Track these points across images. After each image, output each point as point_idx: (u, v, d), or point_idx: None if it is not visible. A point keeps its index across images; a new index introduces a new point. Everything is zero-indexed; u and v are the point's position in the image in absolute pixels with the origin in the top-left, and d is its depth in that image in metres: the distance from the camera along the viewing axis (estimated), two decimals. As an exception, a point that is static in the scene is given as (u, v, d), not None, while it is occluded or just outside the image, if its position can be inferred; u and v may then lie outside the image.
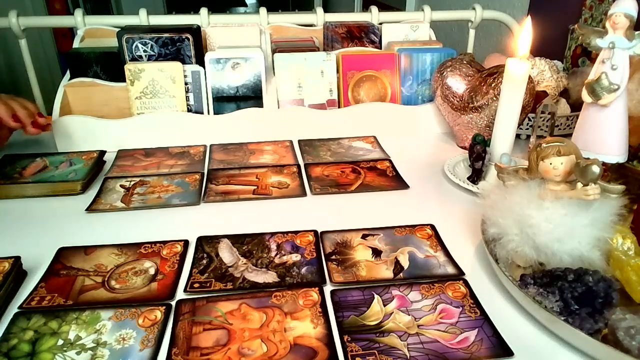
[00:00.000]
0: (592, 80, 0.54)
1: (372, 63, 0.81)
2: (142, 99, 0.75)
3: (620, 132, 0.55)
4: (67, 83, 0.77)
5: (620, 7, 0.51)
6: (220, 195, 0.61)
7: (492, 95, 0.68)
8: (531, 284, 0.41)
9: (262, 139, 0.78)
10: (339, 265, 0.48)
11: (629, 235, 0.42)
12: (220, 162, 0.70)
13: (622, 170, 0.58)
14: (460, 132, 0.76)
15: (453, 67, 0.74)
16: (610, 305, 0.38)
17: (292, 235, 0.53)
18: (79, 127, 0.72)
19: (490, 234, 0.45)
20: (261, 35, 0.84)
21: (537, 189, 0.43)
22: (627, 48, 0.52)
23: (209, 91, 0.77)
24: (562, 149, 0.42)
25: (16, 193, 0.61)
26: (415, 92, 0.83)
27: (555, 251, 0.41)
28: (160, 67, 0.74)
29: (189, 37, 0.76)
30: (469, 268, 0.48)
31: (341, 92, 0.81)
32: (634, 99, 0.61)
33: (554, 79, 0.80)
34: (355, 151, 0.75)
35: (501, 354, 0.37)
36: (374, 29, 0.89)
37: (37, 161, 0.67)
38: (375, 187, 0.64)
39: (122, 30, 0.76)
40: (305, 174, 0.67)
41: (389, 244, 0.51)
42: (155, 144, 0.75)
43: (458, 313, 0.42)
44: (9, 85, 2.34)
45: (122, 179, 0.65)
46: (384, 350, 0.38)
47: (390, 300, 0.43)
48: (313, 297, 0.43)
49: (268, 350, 0.37)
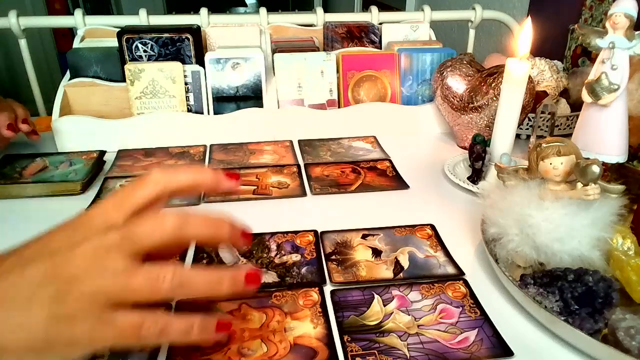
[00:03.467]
0: (592, 80, 0.54)
1: (372, 63, 0.81)
2: (142, 99, 0.75)
3: (620, 132, 0.55)
4: (67, 83, 0.77)
5: (620, 7, 0.51)
6: (220, 195, 0.61)
7: (492, 95, 0.68)
8: (531, 284, 0.41)
9: (262, 139, 0.78)
10: (339, 265, 0.48)
11: (629, 235, 0.42)
12: (220, 162, 0.70)
13: (622, 170, 0.58)
14: (460, 132, 0.76)
15: (453, 67, 0.74)
16: (610, 305, 0.38)
17: (292, 235, 0.53)
18: (79, 127, 0.72)
19: (490, 234, 0.46)
20: (261, 35, 0.84)
21: (537, 189, 0.43)
22: (627, 48, 0.52)
23: (209, 91, 0.77)
24: (562, 149, 0.42)
25: (16, 193, 0.61)
26: (415, 92, 0.83)
27: (555, 251, 0.41)
28: (160, 67, 0.74)
29: (189, 37, 0.76)
30: (469, 268, 0.48)
31: (341, 92, 0.81)
32: (634, 99, 0.60)
33: (554, 79, 0.80)
34: (355, 151, 0.75)
35: (501, 354, 0.37)
36: (374, 29, 0.89)
37: (37, 161, 0.67)
38: (375, 187, 0.64)
39: (122, 30, 0.76)
40: (305, 174, 0.67)
41: (389, 244, 0.51)
42: (155, 144, 0.75)
43: (458, 313, 0.42)
44: (9, 85, 2.34)
45: (122, 179, 0.65)
46: (384, 350, 0.38)
47: (390, 300, 0.43)
48: (313, 297, 0.43)
49: (268, 350, 0.37)
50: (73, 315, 0.27)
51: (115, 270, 0.28)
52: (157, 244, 0.30)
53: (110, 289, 0.28)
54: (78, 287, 0.28)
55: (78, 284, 0.28)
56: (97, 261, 0.29)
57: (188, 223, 0.31)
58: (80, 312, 0.27)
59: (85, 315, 0.28)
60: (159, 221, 0.30)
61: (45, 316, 0.27)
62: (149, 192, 0.32)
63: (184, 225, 0.31)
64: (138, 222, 0.30)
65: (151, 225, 0.30)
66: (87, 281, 0.28)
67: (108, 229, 0.30)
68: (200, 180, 0.34)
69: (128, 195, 0.32)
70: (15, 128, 0.66)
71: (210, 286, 0.30)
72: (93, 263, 0.29)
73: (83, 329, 0.27)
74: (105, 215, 0.31)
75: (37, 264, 0.28)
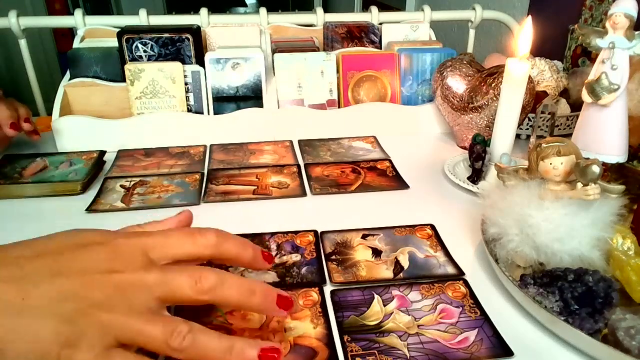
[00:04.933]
0: (592, 80, 0.54)
1: (372, 63, 0.81)
2: (142, 99, 0.75)
3: (620, 132, 0.55)
4: (67, 83, 0.77)
5: (620, 7, 0.51)
6: (220, 195, 0.61)
7: (492, 95, 0.68)
8: (531, 284, 0.41)
9: (262, 139, 0.78)
10: (339, 265, 0.48)
11: (629, 235, 0.42)
12: (220, 162, 0.70)
13: (622, 170, 0.58)
14: (460, 132, 0.76)
15: (453, 67, 0.74)
16: (610, 305, 0.38)
17: (292, 235, 0.53)
18: (79, 127, 0.72)
19: (490, 234, 0.46)
20: (261, 35, 0.84)
21: (537, 189, 0.43)
22: (627, 48, 0.52)
23: (209, 91, 0.77)
24: (562, 149, 0.42)
25: (16, 193, 0.61)
26: (415, 92, 0.83)
27: (555, 251, 0.41)
28: (160, 67, 0.74)
29: (189, 37, 0.76)
30: (469, 268, 0.48)
31: (341, 92, 0.81)
32: (634, 99, 0.61)
33: (554, 79, 0.80)
34: (355, 151, 0.75)
35: (501, 354, 0.37)
36: (374, 29, 0.89)
37: (37, 161, 0.67)
38: (375, 187, 0.64)
39: (122, 30, 0.76)
40: (305, 174, 0.67)
41: (389, 244, 0.51)
42: (155, 144, 0.75)
43: (458, 313, 0.42)
44: (9, 85, 2.34)
45: (122, 179, 0.65)
46: (384, 350, 0.38)
47: (390, 300, 0.43)
48: (313, 297, 0.43)
49: (268, 350, 0.37)
50: (79, 340, 0.27)
51: (140, 310, 0.28)
52: (188, 301, 0.30)
53: (126, 327, 0.28)
54: (97, 313, 0.27)
55: (98, 310, 0.27)
56: (127, 295, 0.28)
57: (223, 287, 0.31)
58: (87, 340, 0.27)
59: (91, 344, 0.27)
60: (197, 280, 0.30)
61: (53, 331, 0.26)
62: (197, 252, 0.33)
63: (219, 289, 0.31)
64: (178, 272, 0.30)
65: (189, 281, 0.30)
66: (108, 311, 0.27)
67: (149, 267, 0.30)
68: (242, 257, 0.35)
69: (176, 245, 0.32)
70: (18, 127, 0.66)
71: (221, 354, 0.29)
72: (123, 296, 0.28)
73: (82, 357, 0.26)
74: (149, 252, 0.31)
75: (68, 279, 0.28)
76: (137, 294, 0.28)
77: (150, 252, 0.31)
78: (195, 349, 0.29)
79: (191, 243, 0.33)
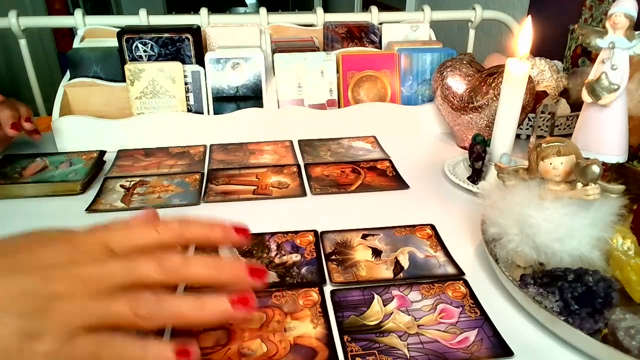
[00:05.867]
0: (592, 80, 0.54)
1: (372, 63, 0.81)
2: (142, 99, 0.75)
3: (620, 132, 0.55)
4: (67, 83, 0.77)
5: (620, 7, 0.51)
6: (220, 195, 0.61)
7: (492, 95, 0.68)
8: (531, 284, 0.41)
9: (262, 139, 0.78)
10: (339, 265, 0.48)
11: (629, 235, 0.42)
12: (220, 162, 0.70)
13: (622, 170, 0.58)
14: (460, 132, 0.76)
15: (453, 67, 0.74)
16: (610, 305, 0.38)
17: (292, 235, 0.53)
18: (79, 127, 0.72)
19: (490, 234, 0.46)
20: (261, 35, 0.84)
21: (537, 189, 0.43)
22: (627, 48, 0.52)
23: (209, 91, 0.77)
24: (562, 149, 0.42)
25: (16, 193, 0.61)
26: (415, 92, 0.83)
27: (555, 251, 0.41)
28: (160, 67, 0.74)
29: (189, 37, 0.76)
30: (469, 268, 0.48)
31: (341, 92, 0.81)
32: (634, 99, 0.61)
33: (554, 79, 0.80)
34: (355, 151, 0.75)
35: (501, 354, 0.37)
36: (374, 29, 0.89)
37: (37, 161, 0.67)
38: (375, 187, 0.64)
39: (122, 30, 0.76)
40: (305, 174, 0.67)
41: (389, 244, 0.51)
42: (155, 144, 0.75)
43: (458, 313, 0.42)
44: (9, 85, 2.34)
45: (122, 179, 0.65)
46: (384, 350, 0.38)
47: (390, 300, 0.43)
48: (313, 297, 0.43)
49: (268, 350, 0.37)
50: (40, 332, 0.26)
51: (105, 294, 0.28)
52: (158, 285, 0.30)
53: (90, 311, 0.27)
54: (58, 304, 0.27)
55: (59, 301, 0.27)
56: (89, 284, 0.28)
57: (189, 266, 0.31)
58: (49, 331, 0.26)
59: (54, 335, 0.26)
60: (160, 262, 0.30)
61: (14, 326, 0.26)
62: (159, 239, 0.32)
63: (185, 268, 0.30)
64: (141, 259, 0.30)
65: (153, 264, 0.30)
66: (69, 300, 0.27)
67: (110, 258, 0.30)
68: (211, 236, 0.34)
69: (137, 235, 0.32)
70: (19, 126, 0.66)
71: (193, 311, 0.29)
72: (84, 285, 0.28)
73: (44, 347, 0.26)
74: (110, 243, 0.31)
75: (28, 274, 0.28)
76: (100, 283, 0.28)
77: (111, 244, 0.31)
78: (166, 312, 0.29)
79: (152, 231, 0.32)
